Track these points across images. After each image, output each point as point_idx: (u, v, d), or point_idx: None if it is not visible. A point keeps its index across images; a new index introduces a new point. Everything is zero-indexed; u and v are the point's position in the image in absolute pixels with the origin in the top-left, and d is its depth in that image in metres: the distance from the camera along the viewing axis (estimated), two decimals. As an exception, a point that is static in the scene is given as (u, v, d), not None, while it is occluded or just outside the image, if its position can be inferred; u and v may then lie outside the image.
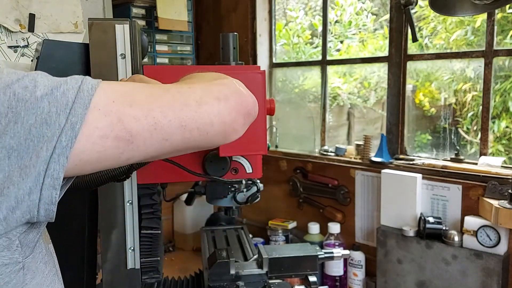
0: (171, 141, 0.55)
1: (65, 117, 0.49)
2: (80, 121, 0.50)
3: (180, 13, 2.19)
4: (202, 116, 0.56)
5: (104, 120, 0.51)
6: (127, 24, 0.96)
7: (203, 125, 0.56)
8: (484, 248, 1.52)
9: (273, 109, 1.07)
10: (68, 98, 0.50)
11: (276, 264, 1.15)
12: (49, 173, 0.49)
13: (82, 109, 0.50)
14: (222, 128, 0.58)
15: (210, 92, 0.58)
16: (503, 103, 1.76)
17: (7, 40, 1.52)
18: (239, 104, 0.60)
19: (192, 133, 0.56)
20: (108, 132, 0.51)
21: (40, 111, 0.48)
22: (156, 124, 0.53)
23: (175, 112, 0.55)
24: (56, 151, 0.49)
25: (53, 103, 0.49)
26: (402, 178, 1.74)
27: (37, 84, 0.50)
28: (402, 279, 1.71)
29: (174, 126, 0.55)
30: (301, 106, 2.36)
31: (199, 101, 0.56)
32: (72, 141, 0.49)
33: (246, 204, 1.18)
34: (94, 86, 0.52)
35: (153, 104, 0.54)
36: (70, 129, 0.49)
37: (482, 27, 1.74)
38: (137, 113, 0.53)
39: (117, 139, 0.52)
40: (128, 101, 0.53)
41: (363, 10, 2.17)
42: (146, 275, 1.12)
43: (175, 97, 0.56)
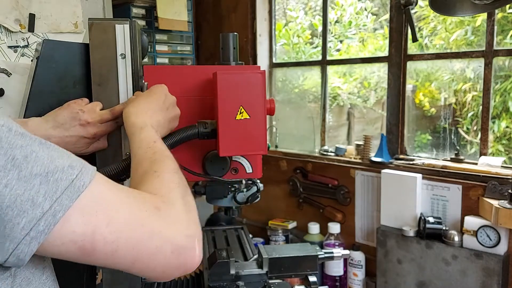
0: (116, 266, 0.58)
1: (50, 204, 0.51)
2: (63, 211, 0.51)
3: (180, 13, 2.19)
4: (152, 262, 0.59)
5: (82, 228, 0.53)
6: (127, 24, 0.96)
7: (147, 268, 0.59)
8: (484, 248, 1.52)
9: (273, 109, 1.07)
10: (59, 187, 0.52)
11: (276, 264, 1.15)
12: (15, 253, 0.50)
13: (68, 201, 0.52)
14: (158, 275, 0.61)
15: (173, 239, 0.60)
16: (503, 103, 1.76)
17: (7, 40, 1.52)
18: (186, 263, 0.62)
19: (134, 268, 0.59)
20: (79, 239, 0.53)
21: (30, 187, 0.50)
22: (116, 252, 0.56)
23: (134, 250, 0.57)
24: (30, 234, 0.50)
25: (44, 185, 0.51)
26: (402, 178, 1.74)
27: (37, 160, 0.51)
28: (402, 279, 1.71)
29: (127, 259, 0.58)
30: (301, 106, 2.36)
31: (158, 249, 0.59)
32: (49, 228, 0.51)
33: (246, 204, 1.18)
34: (86, 184, 0.54)
35: (124, 234, 0.56)
36: (51, 215, 0.51)
37: (482, 27, 1.74)
38: (108, 235, 0.55)
39: (81, 248, 0.54)
40: (108, 219, 0.55)
41: (363, 10, 2.17)
42: (146, 275, 1.12)
43: (143, 236, 0.58)
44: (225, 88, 0.96)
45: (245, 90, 0.97)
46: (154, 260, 0.58)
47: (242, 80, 0.98)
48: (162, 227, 0.60)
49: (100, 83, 0.97)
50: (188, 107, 1.06)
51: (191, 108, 1.07)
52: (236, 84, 0.97)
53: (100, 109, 0.95)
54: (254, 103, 0.97)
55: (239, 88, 0.97)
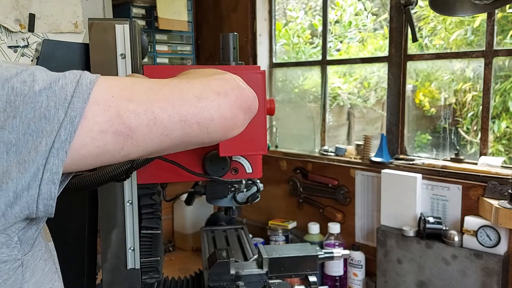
0: (171, 136, 0.55)
1: (64, 111, 0.49)
2: (79, 115, 0.49)
3: (180, 13, 2.19)
4: (202, 111, 0.56)
5: (103, 115, 0.51)
6: (127, 24, 0.96)
7: (203, 120, 0.56)
8: (484, 248, 1.52)
9: (273, 109, 1.07)
10: (67, 92, 0.50)
11: (276, 264, 1.15)
12: (48, 167, 0.49)
13: (81, 103, 0.50)
14: (222, 123, 0.58)
15: (209, 87, 0.58)
16: (503, 103, 1.76)
17: (7, 40, 1.52)
18: (239, 99, 0.59)
19: (192, 128, 0.56)
20: (108, 127, 0.51)
21: (39, 106, 0.48)
22: (155, 119, 0.53)
23: (174, 107, 0.54)
24: (55, 146, 0.49)
25: (51, 97, 0.49)
26: (402, 178, 1.74)
27: (36, 78, 0.49)
28: (402, 279, 1.71)
29: (173, 121, 0.54)
30: (301, 106, 2.36)
31: (199, 96, 0.56)
32: (71, 136, 0.49)
33: (246, 204, 1.18)
34: (93, 80, 0.52)
35: (152, 99, 0.54)
36: (69, 123, 0.49)
37: (482, 27, 1.74)
38: (136, 108, 0.52)
39: (117, 134, 0.51)
40: (127, 96, 0.53)
41: (363, 10, 2.17)
42: (146, 275, 1.12)
43: (174, 92, 0.55)
44: (225, 88, 0.96)
45: (245, 90, 0.97)
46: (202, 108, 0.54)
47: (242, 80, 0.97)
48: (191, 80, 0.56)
49: (100, 83, 0.96)
50: (188, 107, 1.05)
51: (191, 108, 1.07)
52: (236, 84, 0.97)
53: None
54: (254, 103, 0.97)
55: (239, 88, 0.97)
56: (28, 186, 0.48)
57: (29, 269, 0.55)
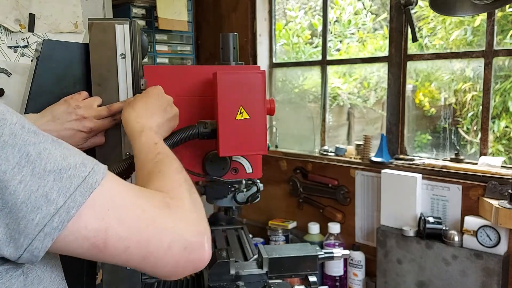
0: (128, 263, 0.58)
1: (63, 200, 0.51)
2: (77, 208, 0.52)
3: (180, 13, 2.19)
4: (164, 258, 0.59)
5: (95, 224, 0.53)
6: (127, 24, 0.96)
7: (159, 264, 0.59)
8: (484, 248, 1.52)
9: (273, 109, 1.07)
10: (72, 184, 0.52)
11: (276, 264, 1.15)
12: (30, 249, 0.50)
13: (82, 198, 0.52)
14: (170, 272, 0.61)
15: (185, 236, 0.60)
16: (503, 103, 1.76)
17: (7, 40, 1.52)
18: (197, 260, 0.62)
19: (146, 266, 0.59)
20: (92, 236, 0.53)
21: (44, 184, 0.50)
22: (128, 249, 0.56)
23: (148, 246, 0.57)
24: (45, 230, 0.50)
25: (57, 181, 0.51)
26: (402, 178, 1.74)
27: (50, 156, 0.51)
28: (402, 279, 1.71)
29: (139, 256, 0.57)
30: (301, 106, 2.36)
31: (171, 245, 0.58)
32: (63, 224, 0.51)
33: (246, 204, 1.18)
34: (98, 181, 0.54)
35: (139, 232, 0.56)
36: (65, 212, 0.51)
37: (481, 27, 1.74)
38: (121, 232, 0.55)
39: (93, 245, 0.54)
40: (120, 216, 0.55)
41: (363, 10, 2.17)
42: (146, 275, 1.12)
43: (156, 232, 0.58)
44: (225, 88, 0.96)
45: (245, 90, 0.97)
46: (165, 256, 0.58)
47: (242, 80, 0.98)
48: (174, 223, 0.59)
49: (100, 83, 0.97)
50: (188, 107, 1.06)
51: (191, 108, 1.07)
52: (236, 84, 0.97)
53: (99, 104, 0.95)
54: (254, 103, 0.97)
55: (239, 88, 0.97)
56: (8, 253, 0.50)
57: (36, 277, 0.57)
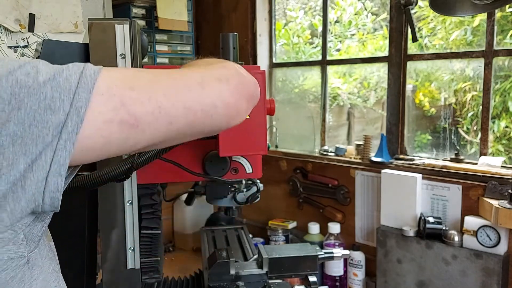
0: (176, 124, 0.55)
1: (69, 102, 0.49)
2: (85, 106, 0.49)
3: (180, 13, 2.19)
4: (205, 98, 0.56)
5: (107, 105, 0.51)
6: (127, 24, 0.96)
7: (206, 107, 0.56)
8: (484, 248, 1.52)
9: (273, 109, 1.07)
10: (71, 83, 0.50)
11: (276, 264, 1.15)
12: (56, 159, 0.49)
13: (86, 93, 0.50)
14: (225, 110, 0.58)
15: (211, 75, 0.58)
16: (503, 103, 1.76)
17: (7, 40, 1.52)
18: (241, 85, 0.59)
19: (196, 115, 0.56)
20: (113, 116, 0.51)
21: (43, 97, 0.48)
22: (160, 107, 0.53)
23: (178, 94, 0.54)
24: (62, 137, 0.49)
25: (56, 88, 0.49)
26: (402, 178, 1.74)
27: (39, 70, 0.49)
28: (402, 279, 1.71)
29: (178, 108, 0.54)
30: (301, 106, 2.36)
31: (201, 83, 0.56)
32: (78, 126, 0.49)
33: (246, 204, 1.18)
34: (96, 71, 0.52)
35: (156, 88, 0.54)
36: (75, 114, 0.49)
37: (481, 27, 1.74)
38: (139, 96, 0.52)
39: (122, 123, 0.51)
40: (130, 85, 0.53)
41: (363, 10, 2.17)
42: (146, 275, 1.12)
43: (176, 80, 0.55)
44: (225, 88, 0.96)
45: (245, 90, 0.97)
46: (206, 95, 0.55)
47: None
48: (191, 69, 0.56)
49: (100, 83, 0.97)
50: (188, 107, 1.05)
51: (191, 108, 1.07)
52: (236, 84, 0.97)
53: None
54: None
55: (239, 88, 0.97)
56: (35, 178, 0.48)
57: (37, 267, 0.55)
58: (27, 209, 0.49)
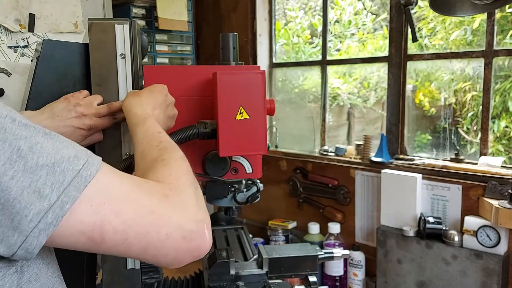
0: (127, 254, 0.58)
1: (57, 195, 0.50)
2: (71, 202, 0.51)
3: (180, 13, 2.19)
4: (163, 248, 0.59)
5: (90, 218, 0.53)
6: (127, 24, 0.96)
7: (159, 254, 0.59)
8: (484, 248, 1.52)
9: (273, 109, 1.07)
10: (65, 178, 0.51)
11: (276, 264, 1.15)
12: (24, 246, 0.50)
13: (76, 192, 0.51)
14: (171, 261, 0.61)
15: (183, 229, 0.60)
16: (503, 103, 1.76)
17: (7, 40, 1.52)
18: (197, 248, 0.62)
19: (146, 256, 0.59)
20: (88, 230, 0.53)
21: (37, 179, 0.49)
22: (126, 240, 0.56)
23: (145, 237, 0.57)
24: (39, 226, 0.49)
25: (50, 176, 0.50)
26: (402, 178, 1.74)
27: (42, 150, 0.50)
28: (402, 279, 1.71)
29: (138, 247, 0.57)
30: (301, 106, 2.36)
31: (169, 236, 0.58)
32: (58, 220, 0.50)
33: (246, 204, 1.18)
34: (93, 174, 0.53)
35: (136, 222, 0.56)
36: (59, 207, 0.50)
37: (481, 27, 1.74)
38: (117, 225, 0.55)
39: (90, 239, 0.54)
40: (116, 209, 0.55)
41: (363, 10, 2.17)
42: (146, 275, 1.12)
43: (154, 220, 0.58)
44: (225, 88, 0.96)
45: (245, 90, 0.97)
46: (165, 246, 0.58)
47: (242, 80, 0.98)
48: (172, 213, 0.59)
49: (100, 83, 0.97)
50: (188, 107, 1.06)
51: (191, 108, 1.07)
52: (236, 84, 0.97)
53: (99, 103, 0.95)
54: (254, 103, 0.97)
55: (239, 88, 0.97)
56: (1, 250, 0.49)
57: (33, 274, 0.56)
58: None
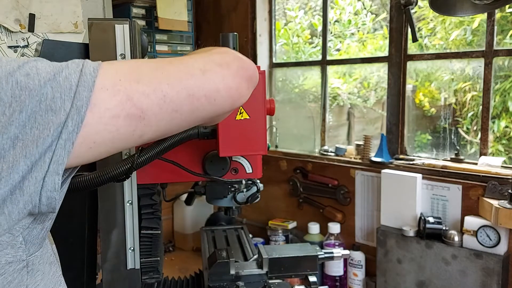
0: (181, 112, 0.55)
1: (70, 102, 0.49)
2: (86, 104, 0.49)
3: (180, 13, 2.19)
4: (208, 83, 0.56)
5: (113, 100, 0.51)
6: (127, 24, 0.96)
7: (210, 91, 0.57)
8: (484, 248, 1.52)
9: (273, 109, 1.07)
10: (71, 82, 0.49)
11: (276, 264, 1.15)
12: (54, 159, 0.48)
13: (87, 91, 0.50)
14: (228, 93, 0.59)
15: (212, 61, 0.59)
16: (503, 103, 1.76)
17: (7, 40, 1.52)
18: (241, 68, 0.60)
19: (200, 101, 0.56)
20: (119, 111, 0.51)
21: (44, 98, 0.48)
22: (165, 97, 0.53)
23: (181, 82, 0.55)
24: (62, 137, 0.48)
25: (56, 88, 0.49)
26: (402, 178, 1.74)
27: (39, 70, 0.49)
28: (402, 279, 1.71)
29: (182, 96, 0.55)
30: (301, 106, 2.36)
31: (203, 69, 0.56)
32: (78, 126, 0.49)
33: (246, 204, 1.18)
34: (96, 68, 0.52)
35: (160, 77, 0.54)
36: (76, 113, 0.49)
37: (481, 27, 1.74)
38: (145, 88, 0.52)
39: (129, 117, 0.52)
40: (135, 78, 0.53)
41: (363, 10, 2.17)
42: (146, 275, 1.12)
43: (179, 68, 0.56)
44: (225, 88, 0.96)
45: (245, 90, 0.97)
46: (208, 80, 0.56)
47: (242, 80, 0.97)
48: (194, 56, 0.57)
49: (100, 83, 0.97)
50: (188, 107, 1.05)
51: (191, 108, 1.07)
52: (236, 84, 0.97)
53: None
54: (254, 103, 0.97)
55: (239, 88, 0.97)
56: (33, 179, 0.48)
57: (37, 271, 0.55)
58: (24, 210, 0.49)
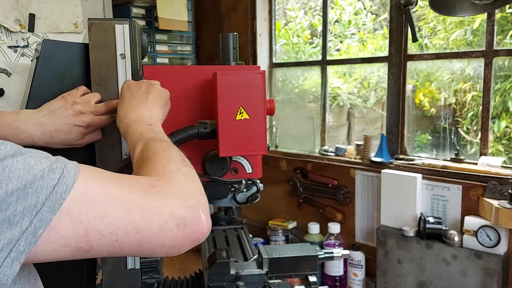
0: (122, 252, 0.56)
1: (29, 220, 0.48)
2: (44, 226, 0.49)
3: (180, 13, 2.19)
4: (158, 240, 0.57)
5: (72, 231, 0.51)
6: (127, 24, 0.96)
7: (155, 246, 0.58)
8: (484, 248, 1.52)
9: (273, 109, 1.07)
10: (39, 198, 0.49)
11: (276, 264, 1.15)
12: None
13: (50, 214, 0.49)
14: (169, 250, 0.60)
15: (174, 213, 0.58)
16: (503, 103, 1.76)
17: (7, 40, 1.52)
18: (195, 233, 0.60)
19: (143, 250, 0.58)
20: (72, 242, 0.52)
21: (5, 207, 0.47)
22: (117, 241, 0.54)
23: (137, 233, 0.55)
24: (11, 255, 0.48)
25: (21, 200, 0.48)
26: (402, 178, 1.74)
27: (11, 174, 0.48)
28: (402, 279, 1.71)
29: (131, 245, 0.56)
30: (301, 106, 2.36)
31: (162, 226, 0.57)
32: (30, 247, 0.49)
33: (246, 204, 1.18)
34: (70, 186, 0.51)
35: (123, 221, 0.54)
36: (31, 234, 0.49)
37: (481, 27, 1.74)
38: (103, 228, 0.53)
39: (77, 249, 0.52)
40: (101, 213, 0.53)
41: (363, 10, 2.17)
42: (146, 275, 1.12)
43: (144, 217, 0.56)
44: (225, 88, 0.96)
45: (245, 90, 0.97)
46: (160, 238, 0.56)
47: (242, 80, 0.97)
48: (162, 203, 0.58)
49: (99, 83, 0.97)
50: (188, 107, 1.06)
51: (191, 108, 1.07)
52: (236, 84, 0.97)
53: (97, 101, 0.95)
54: (254, 103, 0.97)
55: (239, 88, 0.97)
56: None
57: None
58: None
